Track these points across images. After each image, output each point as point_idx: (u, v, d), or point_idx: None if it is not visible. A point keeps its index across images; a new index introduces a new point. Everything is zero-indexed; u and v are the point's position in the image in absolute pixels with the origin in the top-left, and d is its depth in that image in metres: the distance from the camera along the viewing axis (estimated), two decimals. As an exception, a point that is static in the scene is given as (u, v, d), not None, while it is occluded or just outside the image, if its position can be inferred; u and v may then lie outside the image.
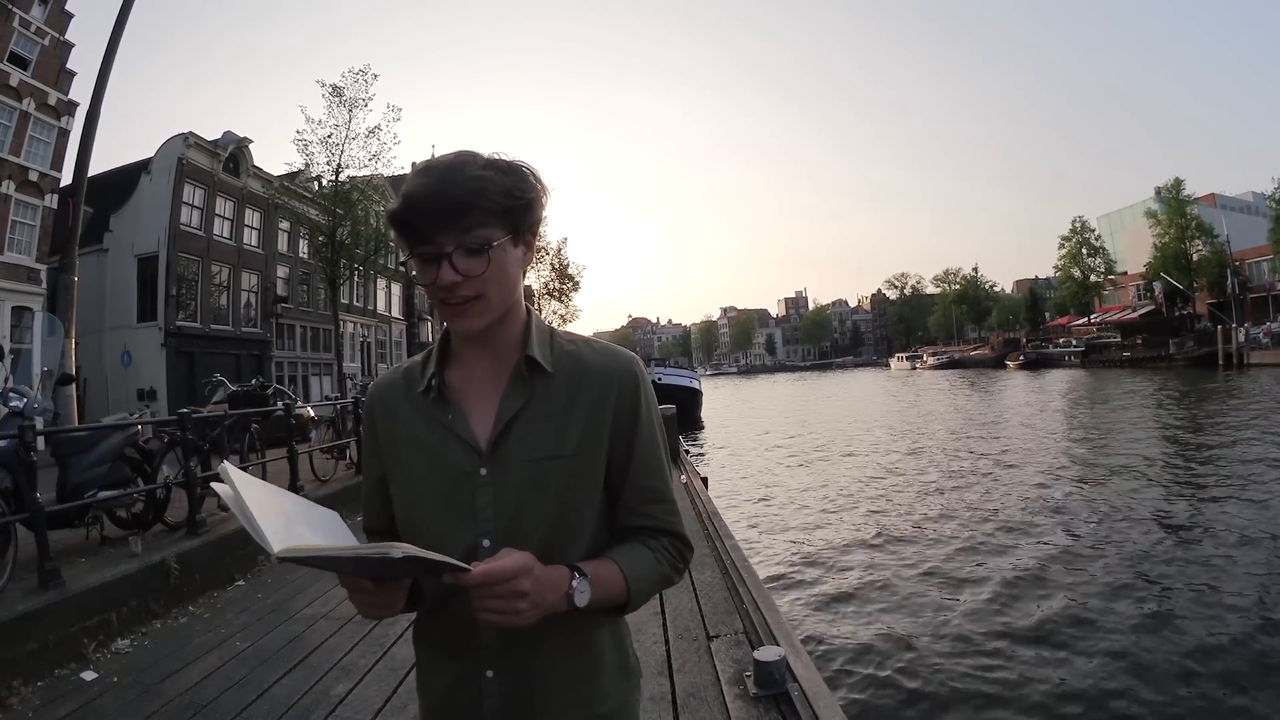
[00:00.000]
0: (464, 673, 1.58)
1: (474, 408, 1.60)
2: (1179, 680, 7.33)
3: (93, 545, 7.88)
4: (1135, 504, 14.18)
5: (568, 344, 1.66)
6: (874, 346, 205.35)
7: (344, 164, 34.93)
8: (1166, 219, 78.40)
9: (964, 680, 7.70)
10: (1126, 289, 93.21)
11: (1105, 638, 8.36)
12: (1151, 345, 71.87)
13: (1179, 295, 78.73)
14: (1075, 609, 9.23)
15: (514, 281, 1.56)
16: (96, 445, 8.05)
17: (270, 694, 5.11)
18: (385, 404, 1.69)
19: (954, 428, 30.78)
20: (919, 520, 14.61)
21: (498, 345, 1.61)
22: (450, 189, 1.43)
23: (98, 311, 33.19)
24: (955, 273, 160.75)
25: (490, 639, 1.53)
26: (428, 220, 1.45)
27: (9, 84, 26.62)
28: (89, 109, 15.79)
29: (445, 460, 1.58)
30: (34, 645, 5.69)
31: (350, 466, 13.98)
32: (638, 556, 1.60)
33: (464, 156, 1.50)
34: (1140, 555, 11.04)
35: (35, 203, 28.00)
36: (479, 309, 1.51)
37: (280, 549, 1.29)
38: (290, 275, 45.89)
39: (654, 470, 1.65)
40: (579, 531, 1.58)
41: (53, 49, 28.37)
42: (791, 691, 4.40)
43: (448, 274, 1.45)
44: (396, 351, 60.98)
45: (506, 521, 1.53)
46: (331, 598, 7.32)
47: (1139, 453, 20.29)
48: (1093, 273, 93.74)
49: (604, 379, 1.60)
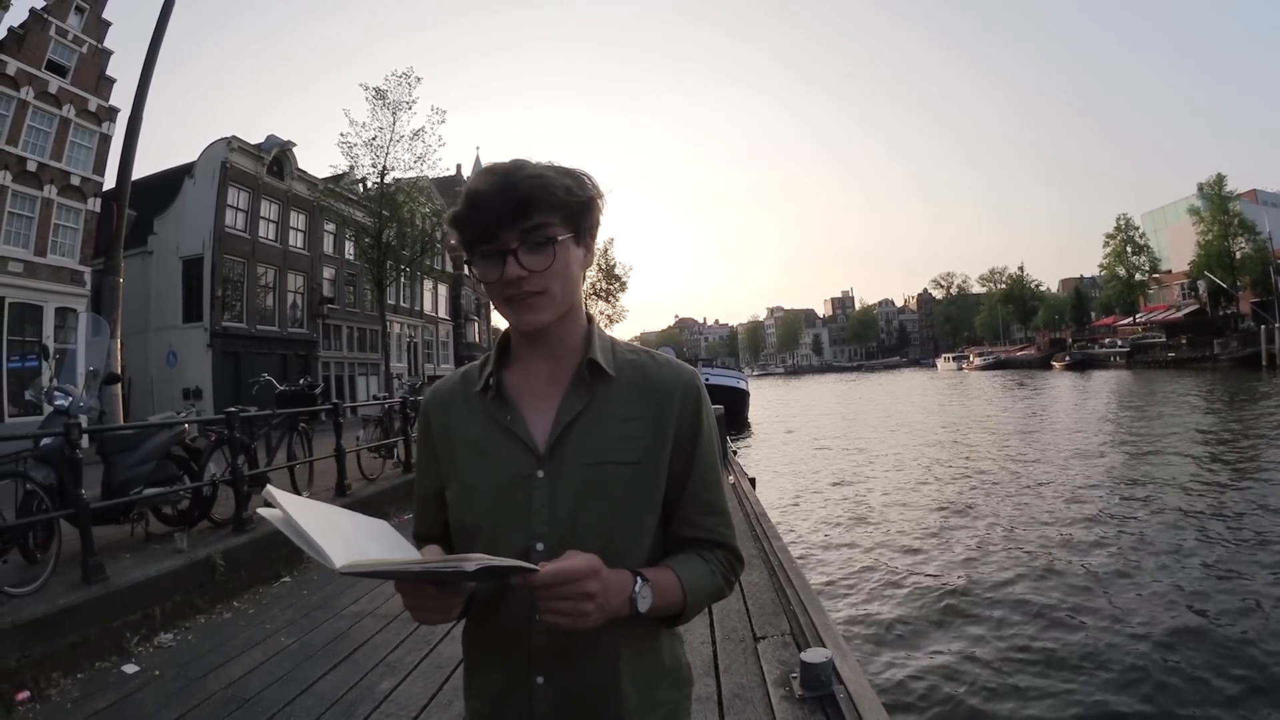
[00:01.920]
0: (514, 678, 1.56)
1: (532, 409, 1.60)
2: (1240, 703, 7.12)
3: (137, 541, 7.94)
4: (1191, 515, 13.89)
5: (629, 353, 1.67)
6: (920, 346, 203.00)
7: (389, 166, 35.29)
8: (1209, 216, 77.17)
9: (1011, 692, 7.57)
10: (1171, 288, 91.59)
11: (1151, 656, 8.12)
12: (1196, 345, 70.57)
13: (1223, 294, 77.19)
14: (1124, 621, 9.01)
15: (576, 280, 1.57)
16: (142, 443, 8.13)
17: (314, 689, 5.10)
18: (442, 407, 1.70)
19: (1004, 432, 30.33)
20: (969, 526, 14.40)
21: (558, 347, 1.61)
22: (513, 185, 1.45)
23: (142, 312, 33.62)
24: (1001, 272, 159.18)
25: (542, 644, 1.52)
26: (492, 217, 1.46)
27: (48, 91, 27.02)
28: (131, 114, 15.98)
29: (502, 461, 1.57)
30: (75, 638, 5.72)
31: (398, 465, 14.00)
32: (694, 567, 1.59)
33: (522, 160, 1.52)
34: (1196, 569, 10.77)
35: (78, 206, 28.40)
36: (543, 303, 1.51)
37: (343, 564, 1.26)
38: (336, 276, 46.28)
39: (711, 483, 1.65)
40: (635, 539, 1.56)
41: (91, 56, 28.77)
42: (837, 694, 4.36)
43: (513, 268, 1.47)
44: (443, 351, 61.75)
45: (562, 525, 1.51)
46: (378, 595, 7.32)
47: (1186, 460, 19.90)
48: (1137, 271, 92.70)
49: (668, 390, 1.60)
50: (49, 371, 20.92)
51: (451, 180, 56.84)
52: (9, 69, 25.43)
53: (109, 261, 17.10)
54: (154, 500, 8.13)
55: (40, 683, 5.28)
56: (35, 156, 26.56)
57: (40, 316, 26.53)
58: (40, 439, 7.01)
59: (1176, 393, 41.86)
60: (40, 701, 5.15)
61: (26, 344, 25.63)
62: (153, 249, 35.76)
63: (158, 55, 16.07)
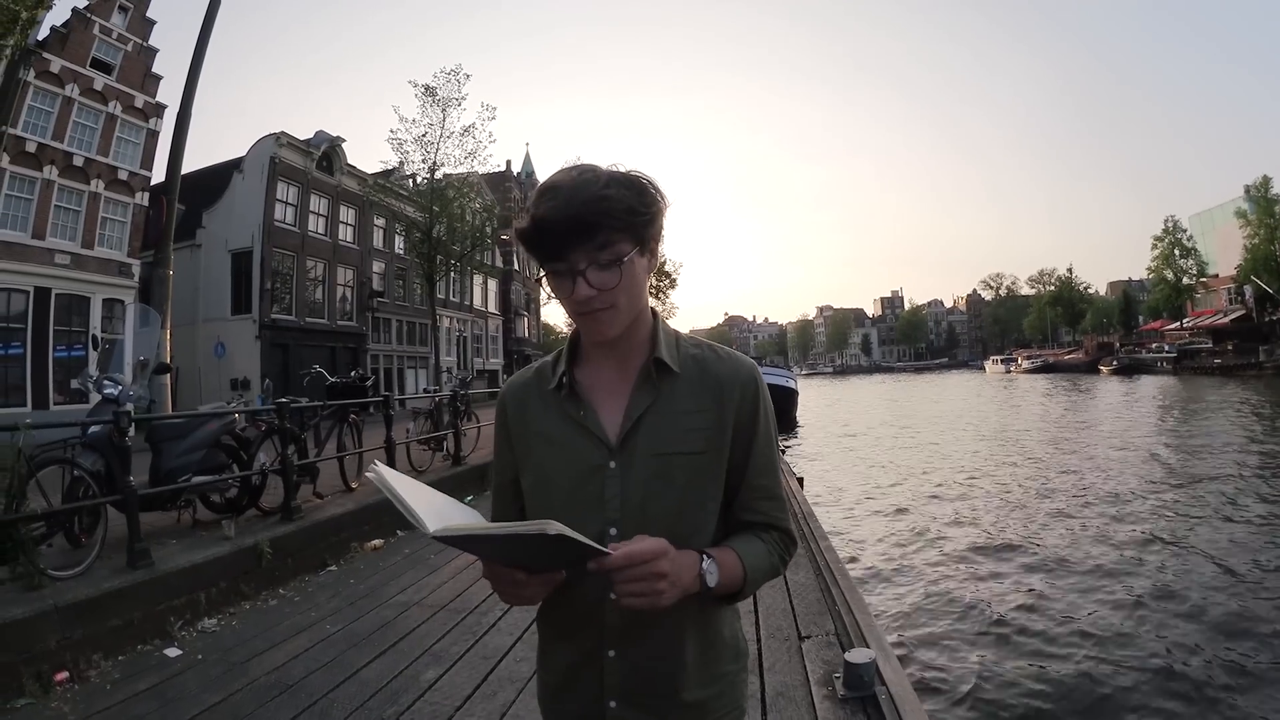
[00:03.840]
0: (586, 652, 1.65)
1: (603, 404, 1.67)
2: None
3: (184, 528, 8.03)
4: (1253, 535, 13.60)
5: (692, 348, 1.74)
6: (969, 348, 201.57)
7: (439, 162, 35.48)
8: (1256, 219, 75.86)
9: (1052, 700, 7.46)
10: (1218, 292, 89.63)
11: (1193, 675, 7.88)
12: (1241, 352, 69.59)
13: (1269, 299, 75.40)
14: (1174, 641, 8.73)
15: (642, 289, 1.63)
16: (192, 432, 8.18)
17: (359, 676, 5.11)
18: (517, 401, 1.78)
19: (1053, 437, 29.94)
20: (1017, 531, 14.18)
21: (625, 348, 1.68)
22: (577, 210, 1.48)
23: (191, 304, 34.10)
24: (1050, 273, 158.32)
25: (614, 620, 1.60)
26: (558, 240, 1.50)
27: (93, 88, 27.55)
28: (180, 110, 16.18)
29: (576, 453, 1.65)
30: (118, 621, 5.79)
31: (447, 459, 14.06)
32: (752, 547, 1.67)
33: (585, 175, 1.53)
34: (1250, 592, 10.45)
35: (125, 200, 28.95)
36: (611, 318, 1.57)
37: (435, 529, 1.33)
38: (386, 270, 46.76)
39: (768, 469, 1.73)
40: (700, 523, 1.64)
41: (136, 54, 29.30)
42: (879, 695, 4.35)
43: (583, 290, 1.52)
44: (492, 346, 62.29)
45: (633, 511, 1.59)
46: (425, 585, 7.37)
47: (1232, 470, 19.61)
48: (1185, 275, 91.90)
49: (728, 383, 1.67)
50: (95, 360, 21.18)
51: (501, 176, 57.27)
52: (53, 66, 25.95)
53: (159, 254, 17.29)
54: (202, 488, 8.20)
55: (80, 664, 5.32)
56: (82, 152, 27.11)
57: (87, 308, 27.11)
58: (89, 426, 7.07)
59: (1227, 401, 41.16)
60: (79, 682, 5.19)
61: (74, 334, 26.25)
62: (201, 242, 36.30)
63: (205, 52, 16.24)
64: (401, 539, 9.63)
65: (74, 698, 4.98)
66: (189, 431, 8.19)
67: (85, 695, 5.02)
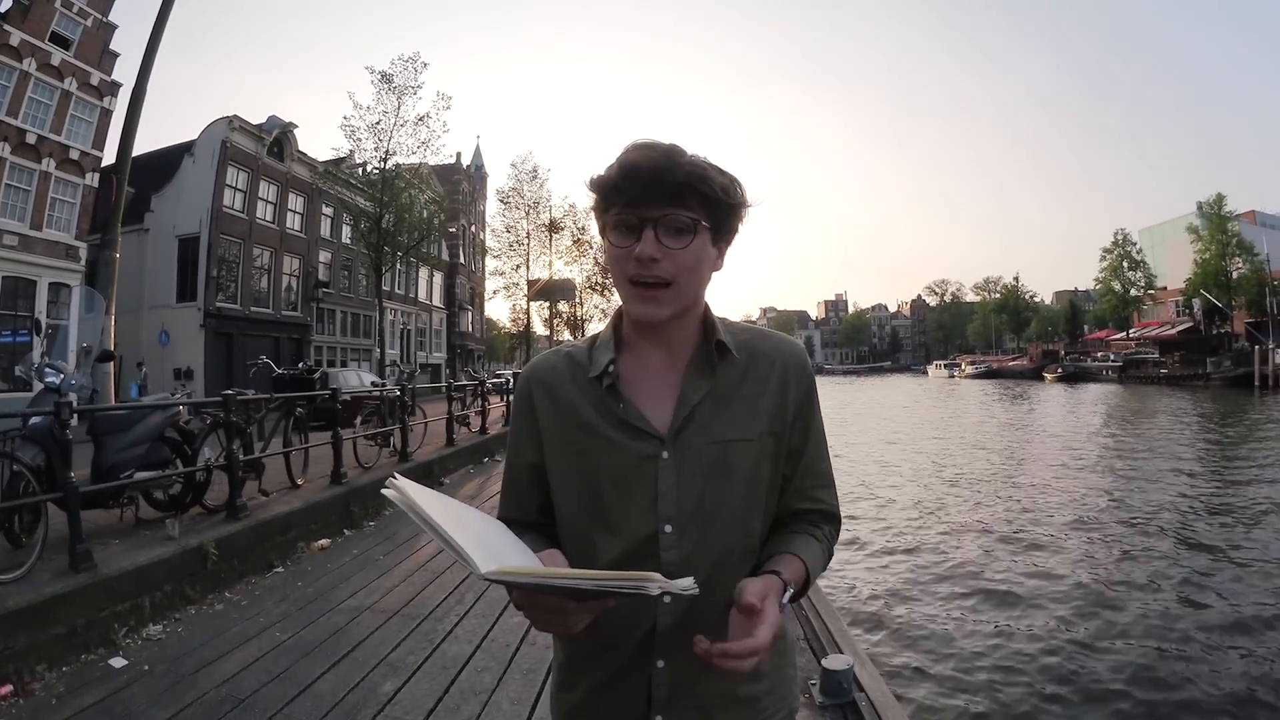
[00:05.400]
0: (632, 663, 1.54)
1: (651, 394, 1.58)
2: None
3: (127, 527, 7.67)
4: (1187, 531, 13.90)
5: (740, 332, 1.66)
6: (912, 353, 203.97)
7: (392, 150, 35.29)
8: (1208, 235, 77.50)
9: (1027, 699, 7.46)
10: (1166, 304, 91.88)
11: (1171, 664, 8.09)
12: (1188, 363, 71.00)
13: (1217, 313, 77.67)
14: (1136, 637, 8.92)
15: (703, 279, 1.56)
16: (135, 425, 7.86)
17: (313, 690, 4.86)
18: (546, 387, 1.65)
19: (1003, 442, 30.30)
20: (981, 534, 14.23)
21: (677, 335, 1.60)
22: (675, 167, 1.42)
23: (136, 291, 33.45)
24: (996, 281, 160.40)
25: (667, 626, 1.50)
26: (644, 190, 1.43)
27: (51, 63, 26.99)
28: (135, 87, 15.69)
29: (622, 445, 1.54)
30: (61, 629, 5.47)
31: (394, 454, 13.73)
32: (812, 550, 1.59)
33: (678, 147, 1.48)
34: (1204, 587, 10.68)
35: (76, 181, 28.34)
36: (667, 297, 1.49)
37: (488, 570, 1.17)
38: (332, 260, 46.52)
39: (824, 456, 1.70)
40: (761, 515, 1.58)
41: (95, 30, 28.73)
42: (859, 701, 4.37)
43: (650, 244, 1.44)
44: (436, 339, 62.10)
45: (690, 506, 1.50)
46: (376, 588, 7.17)
47: (1176, 477, 19.90)
48: (1133, 286, 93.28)
49: (784, 365, 1.62)
50: (40, 347, 20.73)
51: (451, 168, 57.07)
52: (12, 39, 25.34)
53: (106, 236, 16.79)
54: (145, 484, 7.86)
55: (24, 676, 5.01)
56: (35, 129, 26.56)
57: (34, 291, 26.52)
58: (29, 417, 6.67)
59: (1172, 410, 42.04)
60: (24, 696, 4.88)
61: (19, 319, 25.67)
62: (149, 226, 35.77)
63: (165, 27, 15.84)
64: (349, 538, 9.38)
65: (19, 713, 4.69)
66: (132, 424, 7.85)
67: (30, 710, 4.73)
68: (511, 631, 5.90)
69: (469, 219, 69.12)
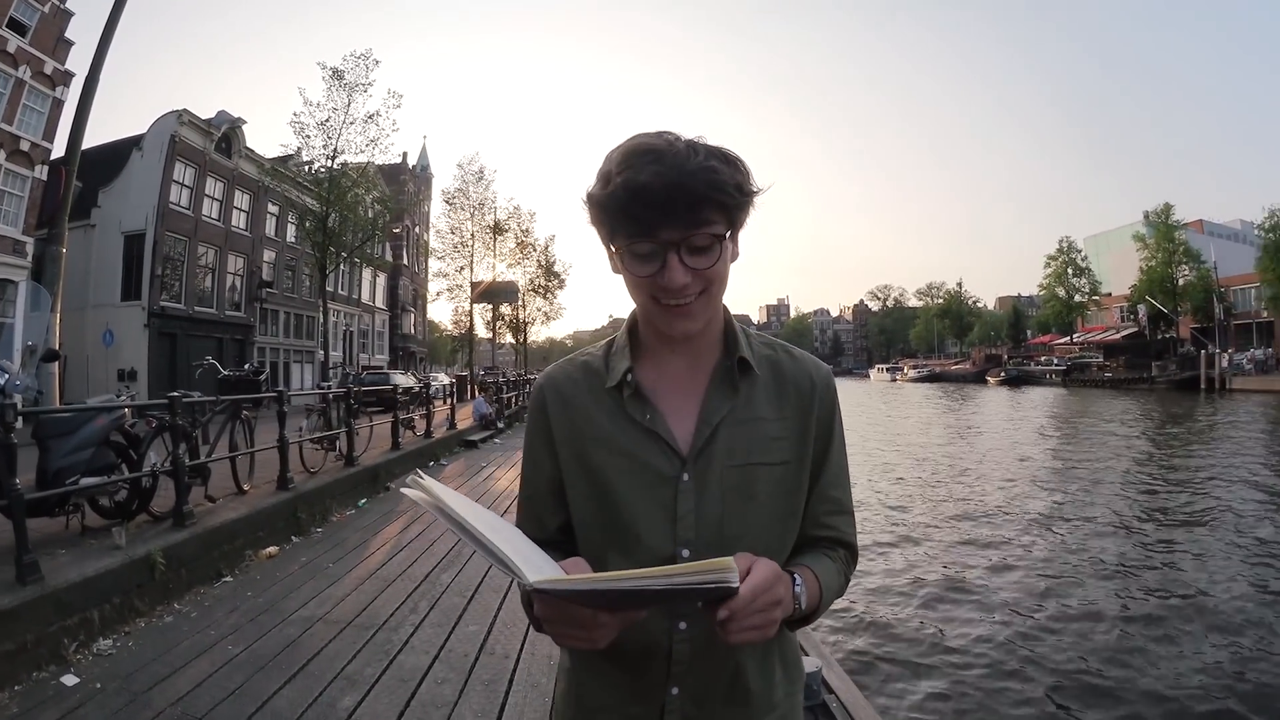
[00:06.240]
0: (645, 690, 1.48)
1: (672, 408, 1.51)
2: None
3: (73, 535, 7.44)
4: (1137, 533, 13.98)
5: (764, 347, 1.59)
6: (854, 357, 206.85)
7: (340, 148, 34.88)
8: (1154, 243, 79.18)
9: (994, 692, 7.50)
10: (1110, 310, 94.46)
11: (1128, 655, 8.08)
12: (1133, 367, 72.86)
13: (1163, 318, 79.68)
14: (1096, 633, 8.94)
15: (727, 280, 1.46)
16: (80, 428, 7.62)
17: (271, 706, 4.73)
18: (562, 398, 1.58)
19: (949, 442, 30.72)
20: (934, 535, 14.30)
21: (700, 344, 1.52)
22: (686, 181, 1.30)
23: (81, 289, 32.92)
24: (939, 287, 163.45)
25: (684, 652, 1.45)
26: (658, 214, 1.31)
27: (6, 50, 26.47)
28: (88, 76, 15.40)
29: (643, 463, 1.48)
30: (11, 646, 5.25)
31: (340, 459, 13.52)
32: (826, 567, 1.53)
33: (680, 143, 1.35)
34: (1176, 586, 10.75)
35: (25, 173, 27.80)
36: (699, 310, 1.41)
37: (536, 579, 1.12)
38: (276, 260, 46.23)
39: (842, 482, 1.62)
40: (782, 541, 1.52)
41: (52, 16, 28.23)
42: (829, 703, 4.44)
43: (678, 274, 1.34)
44: (379, 341, 61.97)
45: (709, 530, 1.45)
46: (327, 598, 7.04)
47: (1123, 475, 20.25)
48: (1077, 293, 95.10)
49: (808, 387, 1.55)
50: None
51: (397, 168, 56.78)
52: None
53: (53, 230, 16.50)
54: (92, 491, 7.61)
55: (-28, 697, 4.82)
56: (-14, 119, 25.83)
57: (-20, 288, 25.80)
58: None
59: (1112, 411, 42.86)
60: (-26, 718, 4.71)
61: (-35, 317, 25.01)
62: (95, 222, 35.25)
63: (121, 14, 15.55)
64: (297, 545, 9.26)
65: (-29, 737, 4.51)
66: (77, 427, 7.60)
67: (-14, 734, 4.54)
68: (468, 641, 5.85)
69: (413, 220, 68.97)
